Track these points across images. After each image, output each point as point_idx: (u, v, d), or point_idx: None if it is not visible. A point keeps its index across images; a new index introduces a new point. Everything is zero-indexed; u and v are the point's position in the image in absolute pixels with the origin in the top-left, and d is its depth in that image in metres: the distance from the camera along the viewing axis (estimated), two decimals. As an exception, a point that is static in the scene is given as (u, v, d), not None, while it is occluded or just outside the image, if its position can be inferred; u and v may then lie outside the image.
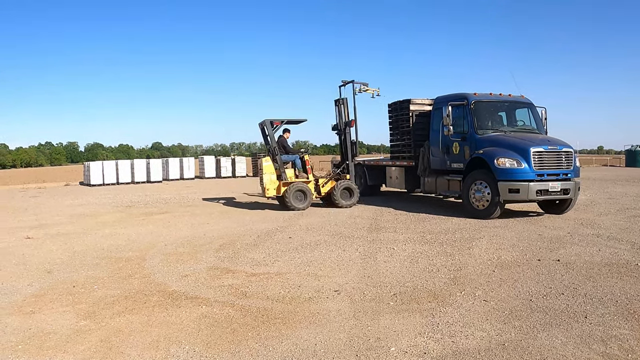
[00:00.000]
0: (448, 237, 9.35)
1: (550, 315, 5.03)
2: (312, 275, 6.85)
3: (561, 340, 4.38)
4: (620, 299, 5.48)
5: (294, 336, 4.65)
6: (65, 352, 4.41)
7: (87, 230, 11.32)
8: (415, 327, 4.78)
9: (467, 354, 4.16)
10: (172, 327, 4.99)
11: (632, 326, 4.67)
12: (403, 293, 5.90)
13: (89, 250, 9.00)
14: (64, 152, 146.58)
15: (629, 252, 7.71)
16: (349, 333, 4.68)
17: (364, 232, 10.15)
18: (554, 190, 11.09)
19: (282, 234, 10.07)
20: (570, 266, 6.94)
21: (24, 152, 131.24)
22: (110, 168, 29.81)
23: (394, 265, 7.29)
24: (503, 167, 11.04)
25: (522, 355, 4.10)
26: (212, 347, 4.45)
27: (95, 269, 7.53)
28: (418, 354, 4.17)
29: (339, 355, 4.19)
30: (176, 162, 33.42)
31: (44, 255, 8.61)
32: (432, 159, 13.60)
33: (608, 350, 4.15)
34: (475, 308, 5.31)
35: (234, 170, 34.97)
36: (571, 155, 11.46)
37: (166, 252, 8.59)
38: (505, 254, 7.84)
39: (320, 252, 8.26)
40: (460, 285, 6.18)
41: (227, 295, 5.98)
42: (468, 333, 4.60)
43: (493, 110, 13.04)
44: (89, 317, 5.33)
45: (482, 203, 11.52)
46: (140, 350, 4.41)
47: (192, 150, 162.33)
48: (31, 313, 5.54)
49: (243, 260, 7.88)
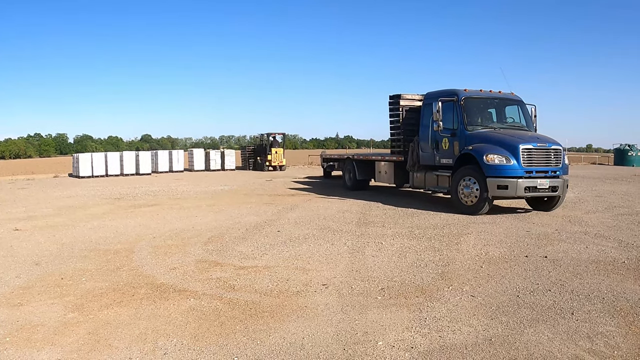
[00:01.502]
0: (436, 232, 9.39)
1: (537, 311, 5.07)
2: (300, 269, 6.85)
3: (548, 336, 4.42)
4: (606, 296, 5.54)
5: (282, 329, 4.66)
6: (53, 344, 4.39)
7: (76, 222, 11.25)
8: (402, 322, 4.80)
9: (454, 349, 4.19)
10: (160, 319, 4.98)
11: (618, 323, 4.72)
12: (391, 287, 5.92)
13: (77, 242, 8.95)
14: (53, 143, 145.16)
15: (616, 250, 7.79)
16: (336, 327, 4.69)
17: (352, 226, 10.17)
18: (542, 187, 11.16)
19: (271, 228, 10.06)
20: (558, 263, 7.00)
21: (12, 143, 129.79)
22: (100, 160, 29.60)
23: (382, 259, 7.31)
24: (492, 164, 11.09)
25: (509, 350, 4.13)
26: (199, 340, 4.44)
27: (84, 261, 7.49)
28: (405, 349, 4.20)
29: (327, 349, 4.20)
30: (165, 155, 33.30)
31: (32, 247, 8.55)
32: (422, 155, 13.63)
33: (594, 346, 4.19)
34: (463, 303, 5.34)
35: (223, 163, 34.90)
36: (560, 152, 11.53)
37: (154, 245, 8.57)
38: (493, 249, 7.89)
39: (308, 246, 8.27)
40: (448, 280, 6.21)
41: (215, 288, 5.98)
42: (455, 328, 4.63)
43: (483, 106, 13.10)
44: (77, 310, 5.31)
45: (470, 199, 11.57)
46: (128, 343, 4.40)
47: (182, 143, 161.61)
48: (19, 305, 5.50)
49: (231, 253, 7.87)
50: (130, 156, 31.04)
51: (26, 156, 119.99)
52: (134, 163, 30.66)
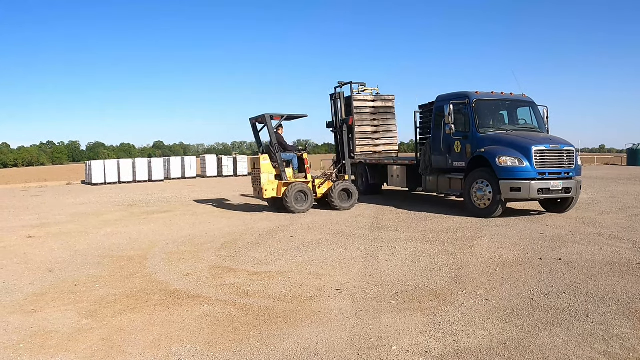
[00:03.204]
0: (450, 235, 9.34)
1: (551, 314, 5.03)
2: (313, 274, 6.85)
3: (563, 339, 4.37)
4: (621, 298, 5.48)
5: (296, 335, 4.65)
6: (67, 351, 4.42)
7: (89, 229, 11.33)
8: (416, 326, 4.78)
9: (469, 353, 4.16)
10: (174, 326, 4.99)
11: (634, 325, 4.66)
12: (405, 292, 5.90)
13: (91, 249, 9.01)
14: (65, 151, 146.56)
15: (631, 251, 7.70)
16: (350, 332, 4.68)
17: (365, 231, 10.15)
18: (555, 189, 11.07)
19: (284, 233, 10.07)
20: (572, 265, 6.94)
21: (25, 151, 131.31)
22: (112, 167, 29.82)
23: (395, 264, 7.29)
24: (504, 166, 11.03)
25: (524, 354, 4.10)
26: (213, 346, 4.45)
27: (97, 268, 7.54)
28: (419, 353, 4.17)
29: (341, 354, 4.19)
30: (178, 161, 33.47)
31: (46, 254, 8.62)
32: (434, 158, 13.58)
33: (610, 349, 4.15)
34: (477, 307, 5.30)
35: (236, 169, 35.01)
36: (573, 153, 11.44)
37: (168, 251, 8.60)
38: (506, 252, 7.83)
39: (321, 251, 8.27)
40: (461, 284, 6.18)
41: (229, 294, 5.99)
42: (469, 332, 4.60)
43: (494, 109, 13.02)
44: (91, 316, 5.34)
45: (483, 202, 11.51)
46: (141, 349, 4.41)
47: (194, 149, 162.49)
48: (33, 312, 5.54)
49: (245, 259, 7.89)
50: (142, 163, 31.24)
51: (39, 164, 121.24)
52: (146, 170, 30.86)
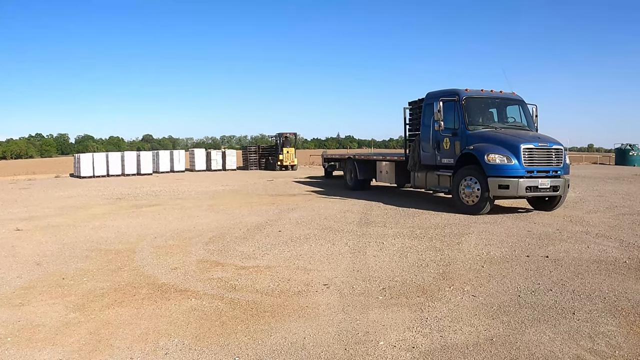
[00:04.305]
0: (437, 232, 9.38)
1: (538, 311, 5.07)
2: (301, 268, 6.85)
3: (549, 336, 4.41)
4: (608, 295, 5.53)
5: (283, 329, 4.66)
6: (54, 344, 4.40)
7: (77, 223, 11.26)
8: (403, 322, 4.80)
9: (456, 348, 4.18)
10: (161, 319, 4.98)
11: (620, 323, 4.71)
12: (392, 287, 5.92)
13: (79, 242, 8.95)
14: (54, 143, 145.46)
15: (617, 250, 7.78)
16: (337, 327, 4.69)
17: (353, 226, 10.17)
18: (543, 187, 11.15)
19: (272, 228, 10.06)
20: (559, 262, 6.99)
21: (14, 143, 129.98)
22: (101, 160, 29.66)
23: (383, 259, 7.31)
24: (493, 163, 11.08)
25: (510, 350, 4.13)
26: (201, 340, 4.45)
27: (85, 261, 7.49)
28: (406, 348, 4.20)
29: (328, 349, 4.20)
30: (167, 155, 33.36)
31: (34, 247, 8.56)
32: (423, 154, 13.63)
33: (595, 346, 4.19)
34: (464, 303, 5.34)
35: (225, 163, 35.00)
36: (561, 152, 11.52)
37: (156, 245, 8.57)
38: (494, 249, 7.88)
39: (309, 246, 8.27)
40: (449, 280, 6.21)
41: (217, 288, 5.98)
42: (456, 328, 4.63)
43: (484, 106, 13.09)
44: (78, 310, 5.31)
45: (471, 199, 11.56)
46: (129, 343, 4.40)
47: (183, 143, 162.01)
48: (20, 305, 5.50)
49: (233, 253, 7.88)
50: (131, 156, 31.10)
51: (27, 156, 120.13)
52: (135, 163, 30.73)
